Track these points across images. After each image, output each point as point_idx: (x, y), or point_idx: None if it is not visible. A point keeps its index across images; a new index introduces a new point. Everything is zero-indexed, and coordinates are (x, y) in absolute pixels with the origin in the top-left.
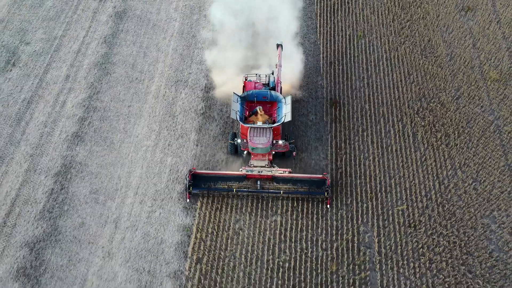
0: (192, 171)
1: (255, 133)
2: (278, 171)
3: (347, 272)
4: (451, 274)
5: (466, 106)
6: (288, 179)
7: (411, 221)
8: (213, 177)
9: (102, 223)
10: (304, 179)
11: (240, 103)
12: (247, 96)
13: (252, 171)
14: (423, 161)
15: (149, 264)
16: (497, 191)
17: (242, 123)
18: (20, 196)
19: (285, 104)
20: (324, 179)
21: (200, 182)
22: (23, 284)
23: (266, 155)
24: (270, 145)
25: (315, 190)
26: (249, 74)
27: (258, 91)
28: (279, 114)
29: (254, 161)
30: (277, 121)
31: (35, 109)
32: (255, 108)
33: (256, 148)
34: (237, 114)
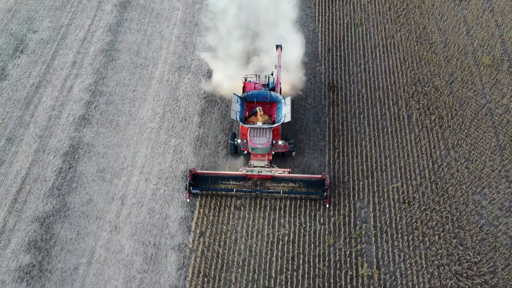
0: (192, 171)
1: (255, 133)
2: (278, 171)
3: (344, 245)
4: (443, 247)
5: (460, 90)
6: (288, 179)
7: (405, 198)
8: (213, 177)
9: (109, 199)
10: (303, 179)
11: (240, 104)
12: (247, 97)
13: (252, 171)
14: (417, 142)
15: (154, 238)
16: (488, 170)
17: (242, 123)
18: (30, 174)
19: (285, 104)
20: (323, 179)
21: (200, 182)
22: (34, 256)
23: (266, 155)
24: (270, 145)
25: (315, 190)
26: (248, 75)
27: (258, 92)
28: (278, 114)
29: (254, 161)
30: (276, 121)
31: (43, 94)
32: (255, 108)
33: (256, 149)
34: (237, 114)
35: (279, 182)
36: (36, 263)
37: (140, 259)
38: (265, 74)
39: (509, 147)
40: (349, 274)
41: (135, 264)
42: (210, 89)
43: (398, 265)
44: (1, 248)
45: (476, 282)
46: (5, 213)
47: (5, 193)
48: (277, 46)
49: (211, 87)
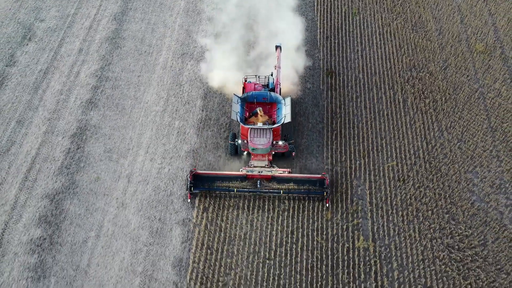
0: (193, 171)
1: (256, 134)
2: (278, 171)
3: (341, 220)
4: (436, 221)
5: (453, 75)
6: (288, 179)
7: (400, 176)
8: (214, 177)
9: (116, 178)
10: (303, 179)
11: (240, 104)
12: (247, 97)
13: (252, 171)
14: (412, 124)
15: (159, 213)
16: (480, 150)
17: (243, 124)
18: (39, 154)
19: (285, 105)
20: (323, 179)
21: (201, 182)
22: (45, 230)
23: (266, 155)
24: (270, 146)
25: (315, 190)
26: (248, 76)
27: (258, 93)
28: (278, 115)
29: (254, 161)
30: (277, 122)
31: (51, 79)
32: (255, 109)
33: (256, 149)
34: (237, 115)
35: (280, 182)
36: (46, 236)
37: (146, 233)
38: (265, 75)
39: (500, 128)
40: (346, 247)
41: (142, 238)
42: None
43: (392, 238)
44: (13, 223)
45: (467, 254)
46: (16, 190)
47: (16, 172)
48: (277, 47)
49: (213, 81)
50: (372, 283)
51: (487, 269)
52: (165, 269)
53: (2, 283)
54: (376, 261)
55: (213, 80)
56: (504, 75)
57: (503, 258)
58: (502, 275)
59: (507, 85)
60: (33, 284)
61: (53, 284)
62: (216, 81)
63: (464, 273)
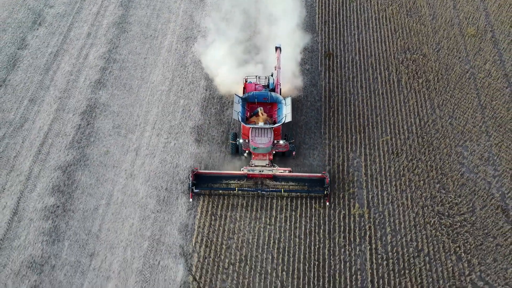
0: (195, 171)
1: (257, 133)
2: (279, 170)
3: (338, 189)
4: (428, 191)
5: (446, 57)
6: (289, 177)
7: (394, 150)
8: (215, 176)
9: (125, 151)
10: (304, 177)
11: (241, 104)
12: (248, 98)
13: (254, 170)
14: (405, 102)
15: (166, 183)
16: (470, 126)
17: (244, 123)
18: (51, 130)
19: (285, 105)
20: (323, 178)
21: (202, 182)
22: (58, 198)
23: (267, 154)
24: (271, 145)
25: (315, 189)
26: (249, 76)
27: (258, 93)
28: (279, 115)
29: (255, 160)
30: (277, 121)
31: (61, 61)
32: (256, 109)
33: (257, 148)
34: (238, 114)
35: (280, 181)
36: (60, 204)
37: (154, 201)
38: (265, 75)
39: (490, 106)
40: (342, 213)
41: (149, 205)
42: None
43: (386, 206)
44: (28, 192)
45: (457, 220)
46: (30, 163)
47: (30, 146)
48: (276, 48)
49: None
50: (367, 246)
51: (475, 233)
52: (172, 233)
53: (19, 246)
54: (371, 226)
55: (208, 67)
56: (494, 57)
57: (490, 224)
58: (489, 238)
59: (496, 66)
60: (48, 247)
61: (66, 247)
62: (212, 66)
63: (453, 237)
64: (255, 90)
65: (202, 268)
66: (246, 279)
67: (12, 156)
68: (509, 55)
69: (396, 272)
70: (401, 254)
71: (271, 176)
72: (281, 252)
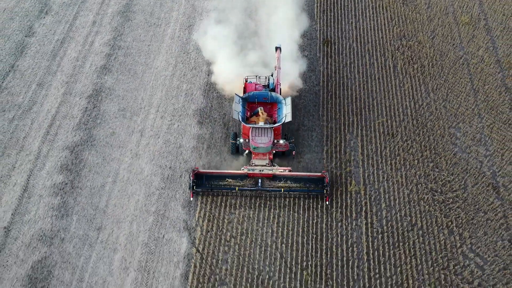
0: (195, 170)
1: (257, 133)
2: (279, 170)
3: (335, 168)
4: (421, 169)
5: (440, 44)
6: (288, 177)
7: (390, 131)
8: (216, 176)
9: (130, 132)
10: (303, 177)
11: (242, 104)
12: (248, 97)
13: (254, 170)
14: (401, 86)
15: (170, 162)
16: (463, 109)
17: (244, 123)
18: (59, 112)
19: (285, 105)
20: (323, 177)
21: (203, 181)
22: (66, 176)
23: (267, 154)
24: (271, 145)
25: (315, 188)
26: (249, 76)
27: (258, 93)
28: (279, 114)
29: (255, 160)
30: (277, 121)
31: (67, 48)
32: (256, 109)
33: (257, 148)
34: (239, 114)
35: (280, 180)
36: (68, 181)
37: (158, 179)
38: (265, 75)
39: (482, 90)
40: (339, 190)
41: (154, 183)
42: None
43: (381, 183)
44: (37, 170)
45: (449, 196)
46: (39, 143)
47: (38, 127)
48: (276, 48)
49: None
50: (363, 220)
51: (467, 208)
52: (176, 209)
53: (30, 220)
54: (367, 202)
55: (206, 50)
56: (487, 44)
57: (481, 200)
58: (480, 213)
59: (489, 52)
60: (57, 221)
61: (75, 221)
62: (209, 51)
63: (445, 212)
64: (255, 90)
65: (205, 241)
66: (247, 251)
67: (21, 137)
68: (501, 42)
69: (391, 244)
70: (395, 228)
71: (271, 175)
72: (281, 226)
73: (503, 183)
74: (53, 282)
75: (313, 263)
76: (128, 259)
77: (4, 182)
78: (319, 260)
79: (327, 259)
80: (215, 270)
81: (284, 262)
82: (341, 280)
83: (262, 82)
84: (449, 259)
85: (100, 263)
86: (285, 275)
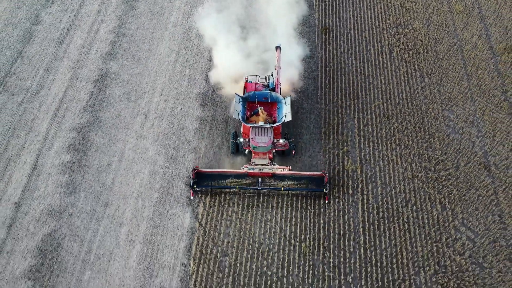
0: (196, 169)
1: (257, 132)
2: (279, 169)
3: (332, 148)
4: (416, 149)
5: (435, 31)
6: (288, 176)
7: (385, 113)
8: (216, 175)
9: (135, 115)
10: (303, 176)
11: (242, 104)
12: (248, 97)
13: (254, 169)
14: (397, 71)
15: (173, 143)
16: (456, 92)
17: (244, 122)
18: (66, 96)
19: (285, 104)
20: (322, 176)
21: (203, 180)
22: (74, 155)
23: (267, 153)
24: (271, 144)
25: (314, 187)
26: (249, 76)
27: (259, 92)
28: (279, 114)
29: (255, 159)
30: (277, 121)
31: (73, 35)
32: (256, 108)
33: (257, 147)
34: (239, 114)
35: (280, 180)
36: (75, 160)
37: (162, 158)
38: (265, 75)
39: (475, 75)
40: (336, 169)
41: (158, 162)
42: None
43: (377, 162)
44: (46, 150)
45: (442, 174)
46: (47, 125)
47: (46, 110)
48: (277, 48)
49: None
50: (359, 197)
51: (459, 186)
52: (179, 186)
53: (39, 196)
54: (363, 180)
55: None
56: (480, 31)
57: (473, 178)
58: (472, 190)
59: (482, 39)
60: (66, 197)
61: (82, 198)
62: (208, 37)
63: (438, 189)
64: (255, 90)
65: (207, 216)
66: (248, 225)
67: (30, 119)
68: (494, 30)
69: (386, 219)
70: (390, 204)
71: (270, 174)
72: (280, 201)
73: (494, 162)
74: (62, 253)
75: (311, 236)
76: (134, 232)
77: (14, 161)
78: (317, 233)
79: (325, 232)
80: (217, 242)
81: (284, 235)
82: (338, 251)
83: (262, 82)
84: (442, 232)
85: (107, 236)
86: (284, 248)
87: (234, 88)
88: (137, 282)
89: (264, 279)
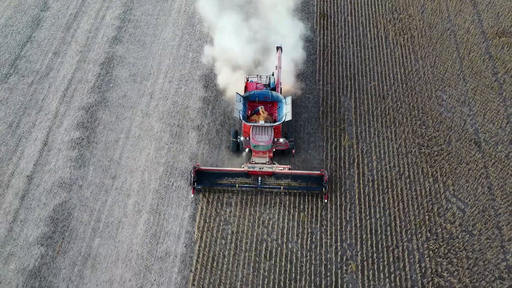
0: (196, 167)
1: (258, 131)
2: (278, 168)
3: (330, 125)
4: (410, 126)
5: (429, 17)
6: (288, 175)
7: (381, 93)
8: (217, 173)
9: (140, 95)
10: (303, 175)
11: (243, 103)
12: (249, 96)
13: (254, 167)
14: (392, 55)
15: (178, 121)
16: (449, 74)
17: (245, 121)
18: (74, 78)
19: (286, 104)
20: (322, 175)
21: (204, 178)
22: (82, 132)
23: (267, 152)
24: (271, 143)
25: (314, 186)
26: (250, 75)
27: (259, 92)
28: (279, 113)
29: (255, 158)
30: (278, 120)
31: (80, 21)
32: (257, 107)
33: (258, 146)
34: (240, 113)
35: (280, 178)
36: (84, 137)
37: (167, 135)
38: (266, 74)
39: (467, 57)
40: (333, 145)
41: (163, 138)
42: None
43: (373, 138)
44: (56, 127)
45: (434, 149)
46: (57, 104)
47: (56, 91)
48: (277, 48)
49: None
50: (355, 170)
51: (451, 160)
52: (184, 160)
53: (50, 170)
54: (359, 155)
55: None
56: (473, 17)
57: (464, 153)
58: (462, 164)
59: (475, 24)
60: (75, 171)
61: (91, 171)
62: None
63: (431, 163)
64: (256, 89)
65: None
66: (250, 196)
67: (40, 98)
68: (486, 15)
69: (380, 191)
70: (384, 177)
71: (270, 173)
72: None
73: (484, 138)
74: (72, 222)
75: (309, 207)
76: (141, 203)
77: (25, 137)
78: (314, 204)
79: (322, 202)
80: (220, 212)
81: (283, 206)
82: (334, 220)
83: (263, 81)
84: (433, 203)
85: (115, 206)
86: (284, 217)
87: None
88: (144, 248)
89: (265, 245)
